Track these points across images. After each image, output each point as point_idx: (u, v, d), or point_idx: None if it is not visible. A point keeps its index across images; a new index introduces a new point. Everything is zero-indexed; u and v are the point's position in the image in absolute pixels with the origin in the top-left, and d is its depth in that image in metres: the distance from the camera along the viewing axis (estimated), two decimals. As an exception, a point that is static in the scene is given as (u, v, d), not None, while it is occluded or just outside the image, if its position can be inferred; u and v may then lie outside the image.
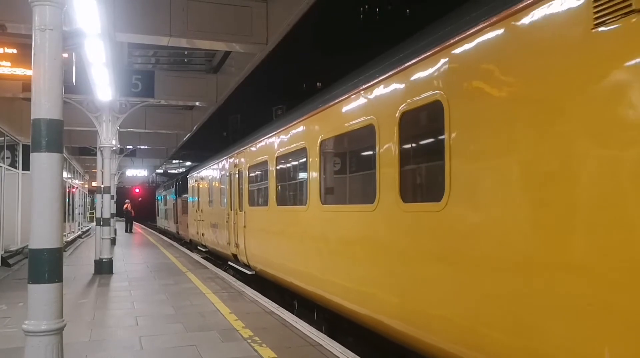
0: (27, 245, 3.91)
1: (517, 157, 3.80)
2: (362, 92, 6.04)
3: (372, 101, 5.86)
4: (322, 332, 6.89)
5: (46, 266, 3.73)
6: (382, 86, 5.65)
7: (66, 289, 6.39)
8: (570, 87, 3.35)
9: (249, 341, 6.18)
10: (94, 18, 6.89)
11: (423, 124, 5.31)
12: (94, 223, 22.34)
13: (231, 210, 13.52)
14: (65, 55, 6.69)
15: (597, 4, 3.14)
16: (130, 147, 25.98)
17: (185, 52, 15.95)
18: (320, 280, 7.43)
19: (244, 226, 11.98)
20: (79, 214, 32.26)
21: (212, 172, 16.89)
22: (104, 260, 12.73)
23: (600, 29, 3.13)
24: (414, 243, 5.06)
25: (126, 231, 32.75)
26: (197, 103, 16.99)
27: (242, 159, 12.51)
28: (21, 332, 3.73)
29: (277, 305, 8.46)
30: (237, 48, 11.16)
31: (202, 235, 18.61)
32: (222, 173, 15.01)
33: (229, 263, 14.06)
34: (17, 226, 15.86)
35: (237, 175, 13.00)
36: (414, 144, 5.45)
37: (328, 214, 7.22)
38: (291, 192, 9.27)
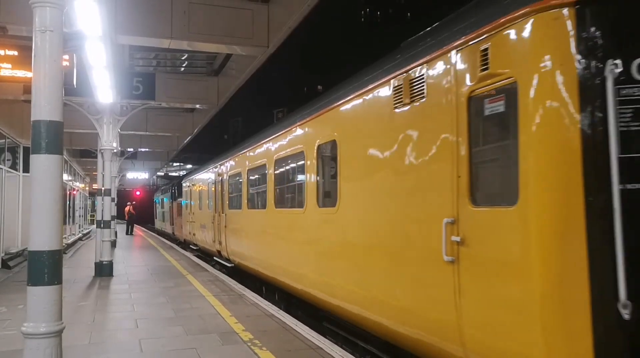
0: (27, 247, 3.88)
1: (365, 179, 6.06)
2: (297, 127, 8.49)
3: (302, 135, 8.30)
4: (280, 309, 8.52)
5: (46, 268, 3.72)
6: (306, 126, 8.11)
7: (66, 291, 6.38)
8: (385, 139, 5.52)
9: (249, 344, 6.16)
10: (95, 20, 6.90)
11: (328, 154, 7.41)
12: (95, 226, 22.35)
13: (215, 213, 15.55)
14: (66, 57, 6.70)
15: (395, 96, 5.33)
16: (131, 149, 25.98)
17: (186, 55, 15.96)
18: (273, 266, 9.65)
19: (225, 227, 14.09)
20: (80, 216, 32.27)
21: (202, 179, 18.97)
22: (104, 263, 12.72)
23: (396, 110, 5.31)
24: (324, 234, 7.28)
25: (127, 233, 32.79)
26: (197, 106, 16.98)
27: (223, 169, 14.76)
28: (21, 334, 3.71)
29: (277, 308, 8.45)
30: (238, 51, 11.15)
31: (194, 234, 20.60)
32: (209, 180, 17.11)
33: (215, 258, 16.21)
34: (18, 229, 15.85)
35: (220, 183, 15.17)
36: (323, 167, 7.63)
37: (278, 214, 9.55)
38: (257, 198, 11.34)
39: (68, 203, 25.23)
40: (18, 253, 15.35)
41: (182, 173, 49.29)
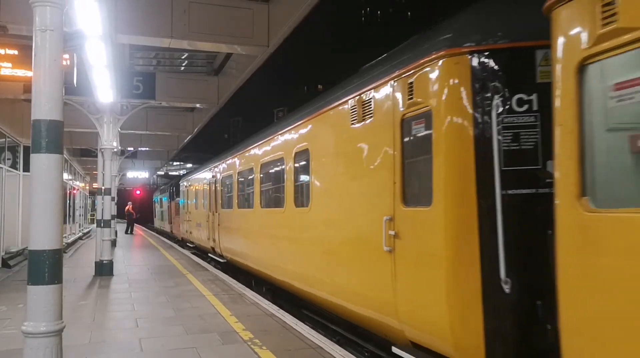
0: (28, 247, 3.88)
1: (330, 183, 7.15)
2: (279, 136, 9.49)
3: (282, 143, 9.30)
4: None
5: (46, 267, 3.72)
6: (285, 135, 9.09)
7: (66, 291, 6.38)
8: (344, 150, 6.62)
9: (250, 343, 6.16)
10: (95, 19, 6.90)
11: (303, 160, 8.27)
12: (95, 225, 22.37)
13: (210, 212, 16.67)
14: (66, 56, 6.69)
15: (351, 114, 6.32)
16: (131, 149, 25.97)
17: (186, 54, 15.95)
18: (260, 260, 10.67)
19: (218, 225, 15.18)
20: (80, 215, 32.26)
21: (197, 180, 20.06)
22: (104, 262, 12.72)
23: (352, 126, 6.32)
24: (300, 231, 8.35)
25: (126, 233, 32.81)
26: (198, 105, 16.98)
27: (217, 171, 15.85)
28: (21, 334, 3.71)
29: (277, 308, 8.45)
30: (238, 50, 11.14)
31: (190, 233, 21.81)
32: (204, 181, 18.20)
33: (209, 254, 17.12)
34: (18, 228, 15.85)
35: (214, 184, 16.27)
36: (299, 171, 8.52)
37: (264, 214, 10.62)
38: (246, 199, 12.32)
39: (68, 202, 25.24)
40: (18, 252, 15.36)
41: (182, 172, 49.35)
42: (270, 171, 10.28)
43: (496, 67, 4.44)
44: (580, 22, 3.22)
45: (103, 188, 13.28)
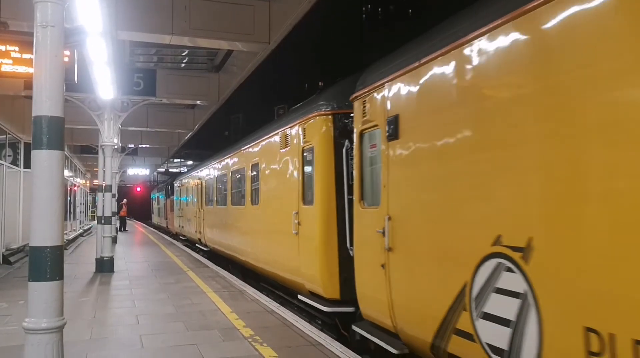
0: (29, 243, 3.88)
1: (268, 187, 10.10)
2: (242, 151, 12.68)
3: (244, 156, 12.52)
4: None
5: (47, 264, 3.72)
6: (246, 151, 12.21)
7: (67, 287, 6.38)
8: (276, 165, 9.64)
9: (250, 340, 6.17)
10: (96, 16, 6.88)
11: (255, 171, 11.26)
12: (95, 222, 22.39)
13: (197, 209, 20.10)
14: (67, 53, 6.69)
15: (280, 141, 9.41)
16: (132, 145, 25.95)
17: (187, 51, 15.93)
18: (232, 247, 13.65)
19: (203, 220, 18.61)
20: (81, 212, 32.26)
21: (188, 181, 23.54)
22: (105, 259, 12.73)
23: (280, 150, 9.37)
24: (254, 222, 11.29)
25: (120, 230, 32.73)
26: (198, 102, 16.96)
27: (202, 174, 19.22)
28: (22, 330, 3.72)
29: (277, 304, 8.47)
30: (239, 47, 11.13)
31: (182, 227, 25.18)
32: (193, 182, 21.51)
33: (196, 245, 20.70)
34: (19, 224, 15.86)
35: (200, 185, 19.57)
36: (254, 178, 11.40)
37: (233, 210, 13.63)
38: (222, 199, 15.46)
39: (69, 199, 25.24)
40: (19, 248, 15.37)
41: (182, 169, 49.39)
42: (238, 177, 13.33)
43: (342, 122, 7.46)
44: (360, 111, 6.25)
45: (104, 184, 13.28)
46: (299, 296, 8.30)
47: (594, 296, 3.00)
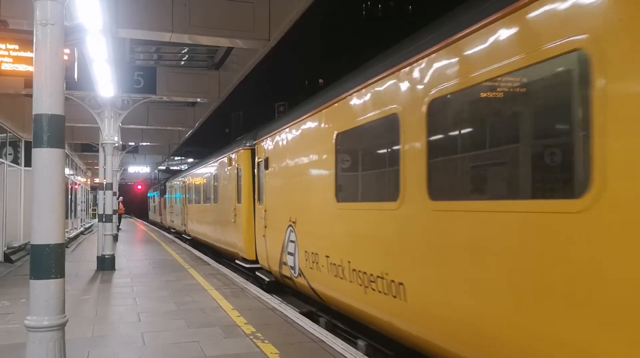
0: (30, 241, 3.88)
1: (220, 190, 16.19)
2: (209, 164, 17.94)
3: (209, 167, 17.86)
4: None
5: (48, 262, 3.73)
6: (209, 164, 18.16)
7: (68, 285, 6.42)
8: (225, 177, 15.40)
9: (252, 337, 6.18)
10: (96, 13, 6.87)
11: (216, 180, 17.04)
12: (97, 220, 22.43)
13: (183, 206, 25.34)
14: (67, 51, 6.68)
15: (228, 162, 14.82)
16: (132, 143, 25.95)
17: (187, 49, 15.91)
18: (206, 236, 18.38)
19: (187, 214, 23.88)
20: (82, 210, 32.28)
21: (177, 183, 28.68)
22: (106, 256, 12.75)
23: (227, 167, 14.91)
24: (213, 216, 16.88)
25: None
26: (199, 99, 16.92)
27: (186, 178, 24.53)
28: (24, 328, 3.72)
29: (279, 302, 8.48)
30: (239, 44, 11.09)
31: (172, 221, 30.60)
32: (180, 184, 26.65)
33: (182, 235, 25.81)
34: (20, 223, 15.88)
35: (187, 185, 24.16)
36: (216, 183, 16.59)
37: (204, 206, 18.83)
38: (198, 198, 20.68)
39: (70, 197, 25.26)
40: (20, 247, 15.39)
41: (183, 166, 49.51)
42: (206, 182, 18.74)
43: (254, 153, 11.81)
44: (257, 150, 11.73)
45: (104, 182, 13.28)
46: (237, 261, 13.47)
47: (310, 237, 8.08)
